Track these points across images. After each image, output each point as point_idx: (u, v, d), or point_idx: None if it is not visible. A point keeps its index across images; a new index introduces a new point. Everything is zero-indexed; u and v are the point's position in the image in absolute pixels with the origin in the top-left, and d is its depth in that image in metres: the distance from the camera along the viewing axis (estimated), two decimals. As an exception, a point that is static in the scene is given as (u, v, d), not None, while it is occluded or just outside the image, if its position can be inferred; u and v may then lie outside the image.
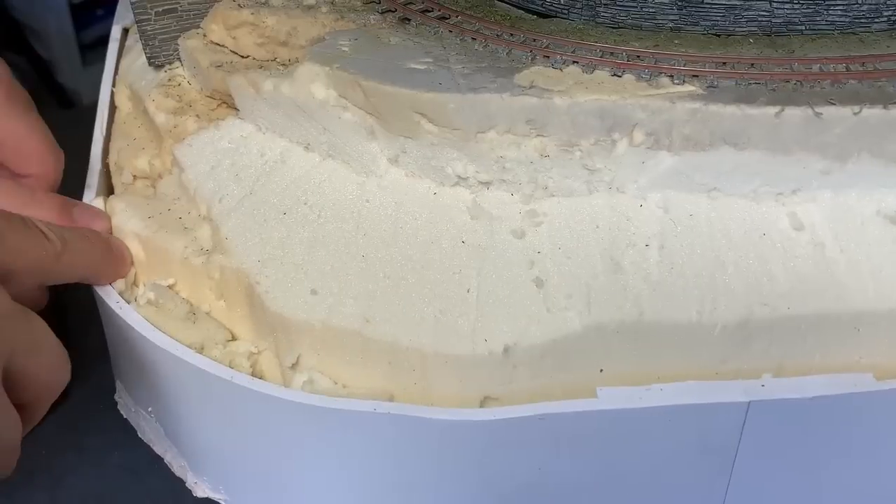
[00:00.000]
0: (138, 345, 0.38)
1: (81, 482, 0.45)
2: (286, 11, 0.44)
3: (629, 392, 0.35)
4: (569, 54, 0.40)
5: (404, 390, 0.36)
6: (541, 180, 0.39)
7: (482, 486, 0.37)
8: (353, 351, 0.37)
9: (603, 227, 0.38)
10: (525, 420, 0.34)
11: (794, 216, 0.38)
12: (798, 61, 0.39)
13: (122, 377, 0.44)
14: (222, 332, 0.39)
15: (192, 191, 0.41)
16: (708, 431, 0.36)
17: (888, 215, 0.38)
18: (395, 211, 0.39)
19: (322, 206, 0.40)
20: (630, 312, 0.36)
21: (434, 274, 0.37)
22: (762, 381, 0.35)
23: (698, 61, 0.39)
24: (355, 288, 0.37)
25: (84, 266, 0.38)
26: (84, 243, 0.38)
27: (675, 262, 0.37)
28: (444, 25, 0.43)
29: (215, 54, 0.45)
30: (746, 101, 0.37)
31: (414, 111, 0.38)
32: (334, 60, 0.40)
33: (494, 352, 0.35)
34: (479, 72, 0.39)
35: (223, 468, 0.41)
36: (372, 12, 0.45)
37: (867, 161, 0.37)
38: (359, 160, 0.40)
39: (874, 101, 0.36)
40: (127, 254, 0.40)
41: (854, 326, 0.37)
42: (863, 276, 0.37)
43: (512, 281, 0.37)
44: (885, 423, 0.37)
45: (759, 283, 0.37)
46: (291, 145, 0.42)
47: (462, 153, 0.38)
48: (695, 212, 0.38)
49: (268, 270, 0.38)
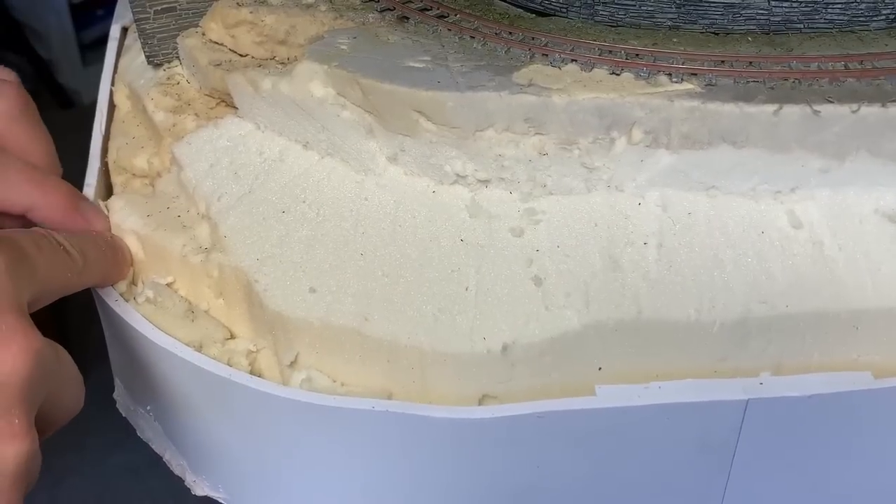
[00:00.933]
0: (137, 343, 0.39)
1: (81, 482, 0.45)
2: (285, 10, 0.44)
3: (628, 390, 0.35)
4: (567, 52, 0.40)
5: (403, 388, 0.36)
6: (539, 178, 0.39)
7: (481, 484, 0.37)
8: (352, 349, 0.37)
9: (601, 225, 0.38)
10: (524, 418, 0.34)
11: (792, 214, 0.38)
12: (796, 59, 0.39)
13: (121, 376, 0.44)
14: (221, 331, 0.39)
15: (190, 189, 0.41)
16: (706, 429, 0.36)
17: (886, 213, 0.38)
18: (394, 209, 0.39)
19: (321, 205, 0.40)
20: (629, 310, 0.36)
21: (432, 272, 0.37)
22: (760, 379, 0.35)
23: (697, 59, 0.39)
24: (354, 286, 0.37)
25: (99, 275, 0.38)
26: (98, 252, 0.38)
27: (673, 261, 0.37)
28: (442, 24, 0.43)
29: (214, 53, 0.45)
30: (745, 99, 0.37)
31: (412, 109, 0.38)
32: (333, 59, 0.40)
33: (493, 350, 0.36)
34: (477, 70, 0.39)
35: (222, 466, 0.41)
36: (370, 11, 0.45)
37: (865, 159, 0.37)
38: (357, 158, 0.40)
39: (872, 100, 0.36)
40: (129, 255, 0.40)
41: (852, 324, 0.37)
42: (861, 274, 0.37)
43: (510, 279, 0.37)
44: (883, 422, 0.37)
45: (757, 281, 0.37)
46: (290, 143, 0.42)
47: (460, 151, 0.38)
48: (693, 210, 0.38)
49: (266, 268, 0.38)
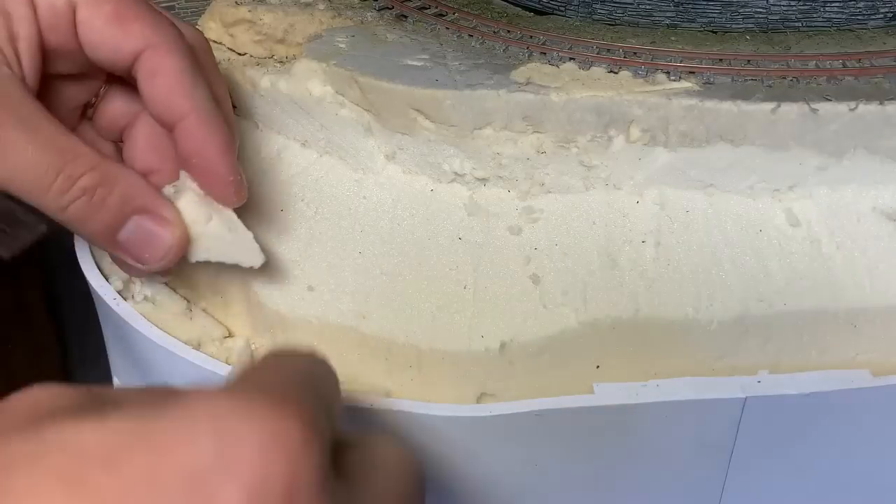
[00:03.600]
0: (135, 341, 0.39)
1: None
2: (283, 8, 0.44)
3: (625, 388, 0.35)
4: (565, 51, 0.40)
5: (401, 386, 0.36)
6: (537, 177, 0.39)
7: (479, 482, 0.37)
8: (350, 347, 0.37)
9: (599, 223, 0.38)
10: (522, 416, 0.34)
11: (790, 212, 0.38)
12: (794, 58, 0.39)
13: (120, 374, 0.44)
14: (219, 329, 0.39)
15: (189, 188, 0.41)
16: (704, 427, 0.36)
17: (884, 211, 0.38)
18: (392, 207, 0.39)
19: (319, 203, 0.40)
20: (626, 309, 0.36)
21: (431, 270, 0.37)
22: (758, 378, 0.35)
23: (695, 58, 0.39)
24: (352, 284, 0.37)
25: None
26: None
27: (671, 259, 0.37)
28: (440, 22, 0.43)
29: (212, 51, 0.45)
30: (743, 97, 0.37)
31: (411, 108, 0.38)
32: (331, 57, 0.40)
33: (491, 348, 0.36)
34: (475, 68, 0.39)
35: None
36: (369, 9, 0.45)
37: (863, 157, 0.37)
38: (356, 157, 0.40)
39: (870, 98, 0.36)
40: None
41: (851, 323, 0.37)
42: (859, 272, 0.37)
43: (508, 277, 0.37)
44: (881, 420, 0.37)
45: (755, 279, 0.37)
46: (288, 142, 0.42)
47: (459, 150, 0.38)
48: (691, 208, 0.38)
49: (264, 266, 0.38)
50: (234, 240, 0.35)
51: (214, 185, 0.34)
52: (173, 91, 0.33)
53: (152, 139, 0.36)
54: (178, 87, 0.33)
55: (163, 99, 0.33)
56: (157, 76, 0.33)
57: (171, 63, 0.33)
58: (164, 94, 0.33)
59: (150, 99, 0.33)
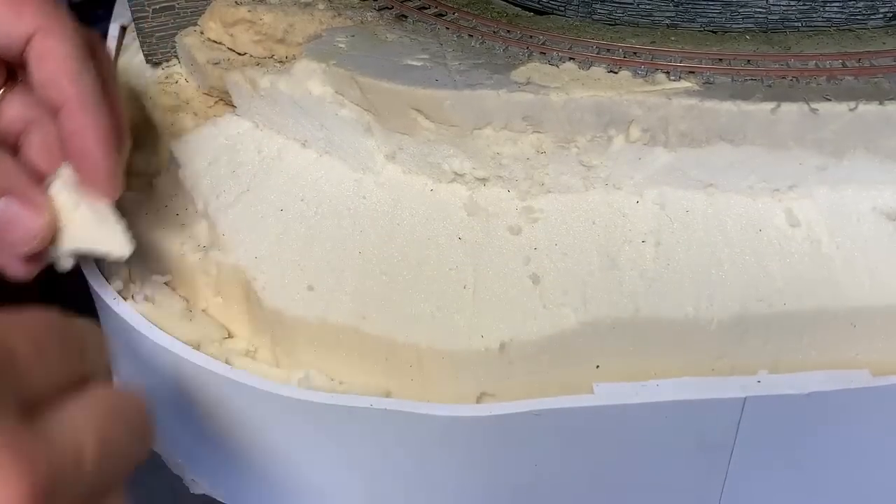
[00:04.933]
0: (135, 342, 0.39)
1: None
2: (283, 8, 0.44)
3: (625, 388, 0.35)
4: (565, 51, 0.40)
5: (401, 386, 0.36)
6: (537, 177, 0.39)
7: (478, 481, 0.37)
8: (350, 347, 0.37)
9: (599, 223, 0.38)
10: (521, 416, 0.34)
11: (790, 212, 0.38)
12: (794, 58, 0.39)
13: (119, 374, 0.44)
14: (219, 329, 0.39)
15: (189, 187, 0.41)
16: (704, 427, 0.36)
17: (884, 211, 0.38)
18: (392, 207, 0.39)
19: (319, 203, 0.40)
20: (626, 308, 0.36)
21: (430, 270, 0.37)
22: (758, 377, 0.35)
23: (695, 58, 0.39)
24: (352, 284, 0.37)
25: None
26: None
27: (671, 259, 0.37)
28: (440, 22, 0.43)
29: (212, 51, 0.45)
30: (742, 97, 0.37)
31: (410, 107, 0.38)
32: (331, 57, 0.40)
33: (491, 348, 0.36)
34: (475, 68, 0.39)
35: (220, 465, 0.41)
36: (369, 9, 0.45)
37: (863, 157, 0.37)
38: (355, 157, 0.40)
39: (870, 98, 0.36)
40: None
41: (850, 322, 0.37)
42: (859, 272, 0.37)
43: (508, 277, 0.37)
44: (881, 420, 0.37)
45: (755, 279, 0.37)
46: (288, 142, 0.42)
47: (458, 150, 0.38)
48: (691, 208, 0.38)
49: (264, 266, 0.38)
50: (102, 228, 0.35)
51: (89, 171, 0.34)
52: (59, 73, 0.34)
53: (47, 144, 0.36)
54: (64, 70, 0.34)
55: (48, 81, 0.34)
56: (45, 59, 0.34)
57: (60, 47, 0.34)
58: (51, 76, 0.34)
59: (37, 81, 0.34)
